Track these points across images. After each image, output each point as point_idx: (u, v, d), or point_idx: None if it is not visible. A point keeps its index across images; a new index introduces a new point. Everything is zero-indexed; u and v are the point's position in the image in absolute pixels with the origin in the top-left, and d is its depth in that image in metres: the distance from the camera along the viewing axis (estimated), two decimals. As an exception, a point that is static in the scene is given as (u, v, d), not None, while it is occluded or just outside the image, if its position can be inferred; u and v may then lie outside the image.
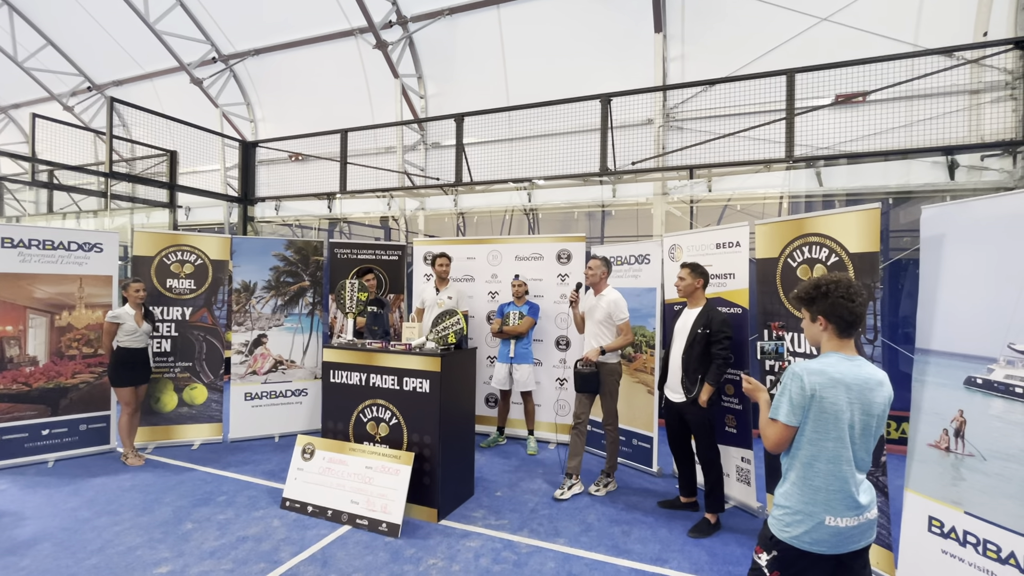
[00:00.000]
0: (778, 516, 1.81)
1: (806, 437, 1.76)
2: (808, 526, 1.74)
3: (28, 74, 12.03)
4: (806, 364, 1.78)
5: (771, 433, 1.82)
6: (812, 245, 3.43)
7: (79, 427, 4.86)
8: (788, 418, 1.77)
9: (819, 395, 1.72)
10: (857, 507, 1.74)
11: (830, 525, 1.72)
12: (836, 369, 1.75)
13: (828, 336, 1.84)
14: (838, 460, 1.73)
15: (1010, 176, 5.19)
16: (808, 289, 1.88)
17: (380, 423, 3.87)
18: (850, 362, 1.78)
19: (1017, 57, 5.04)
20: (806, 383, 1.73)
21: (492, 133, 7.64)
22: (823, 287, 1.82)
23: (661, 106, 7.17)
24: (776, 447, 1.82)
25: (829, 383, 1.73)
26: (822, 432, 1.74)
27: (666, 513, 3.85)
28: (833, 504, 1.73)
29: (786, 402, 1.77)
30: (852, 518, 1.73)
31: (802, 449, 1.77)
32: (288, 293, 5.66)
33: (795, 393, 1.75)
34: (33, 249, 4.71)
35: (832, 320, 1.81)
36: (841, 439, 1.73)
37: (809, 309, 1.88)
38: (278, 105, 10.76)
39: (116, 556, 3.16)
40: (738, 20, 6.88)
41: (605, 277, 4.22)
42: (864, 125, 5.59)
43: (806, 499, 1.75)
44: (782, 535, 1.77)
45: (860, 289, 1.81)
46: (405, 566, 3.09)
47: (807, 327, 1.91)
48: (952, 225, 2.78)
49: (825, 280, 1.84)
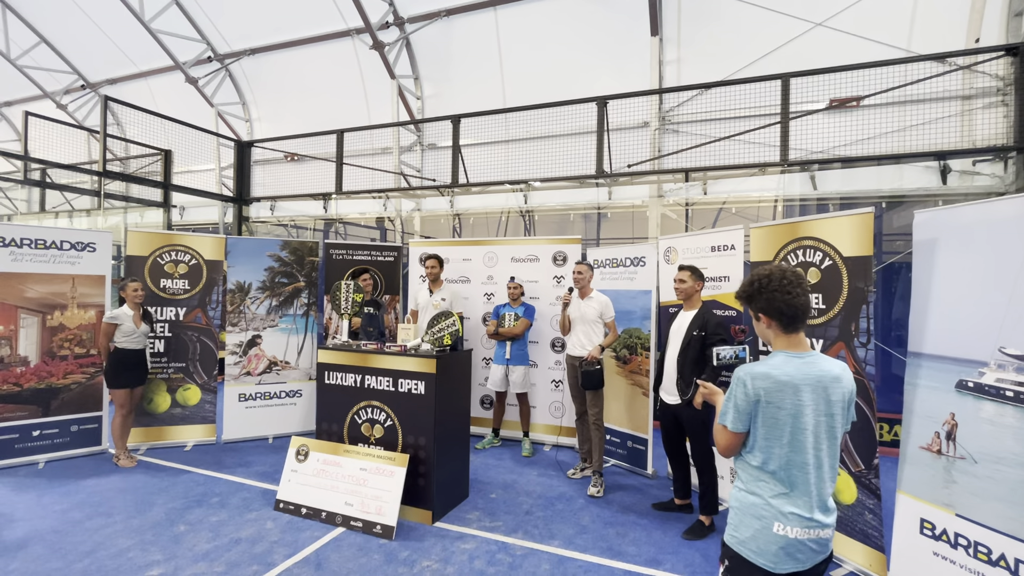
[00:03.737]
0: (729, 520, 1.74)
1: (757, 442, 1.67)
2: (752, 531, 1.63)
3: (21, 72, 11.94)
4: (751, 368, 1.68)
5: (720, 439, 1.74)
6: (806, 248, 3.46)
7: (70, 428, 4.82)
8: (735, 424, 1.68)
9: (764, 400, 1.62)
10: (810, 519, 1.60)
11: (778, 533, 1.60)
12: (782, 371, 1.63)
13: (774, 333, 1.72)
14: (791, 466, 1.62)
15: (1001, 181, 5.24)
16: (745, 287, 1.76)
17: (375, 425, 3.86)
18: (799, 360, 1.66)
19: (1008, 64, 5.09)
20: (750, 388, 1.64)
21: (488, 135, 7.66)
22: (756, 282, 1.71)
23: (657, 109, 7.20)
24: (726, 452, 1.74)
25: (775, 387, 1.62)
26: (772, 438, 1.64)
27: (660, 515, 3.86)
28: (783, 511, 1.61)
29: (732, 408, 1.68)
30: (804, 530, 1.60)
31: (752, 452, 1.69)
32: (283, 294, 5.64)
33: (740, 399, 1.66)
34: (25, 248, 4.67)
35: (772, 316, 1.69)
36: (795, 444, 1.61)
37: (751, 307, 1.77)
38: (274, 105, 10.73)
39: (107, 558, 3.13)
40: (733, 24, 6.93)
41: (591, 280, 4.49)
42: (858, 129, 5.65)
43: (754, 501, 1.66)
44: (730, 540, 1.70)
45: (797, 278, 1.67)
46: (399, 568, 3.08)
47: (755, 326, 1.79)
48: (945, 229, 2.80)
49: (759, 274, 1.72)
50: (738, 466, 1.75)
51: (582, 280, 4.40)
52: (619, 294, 4.78)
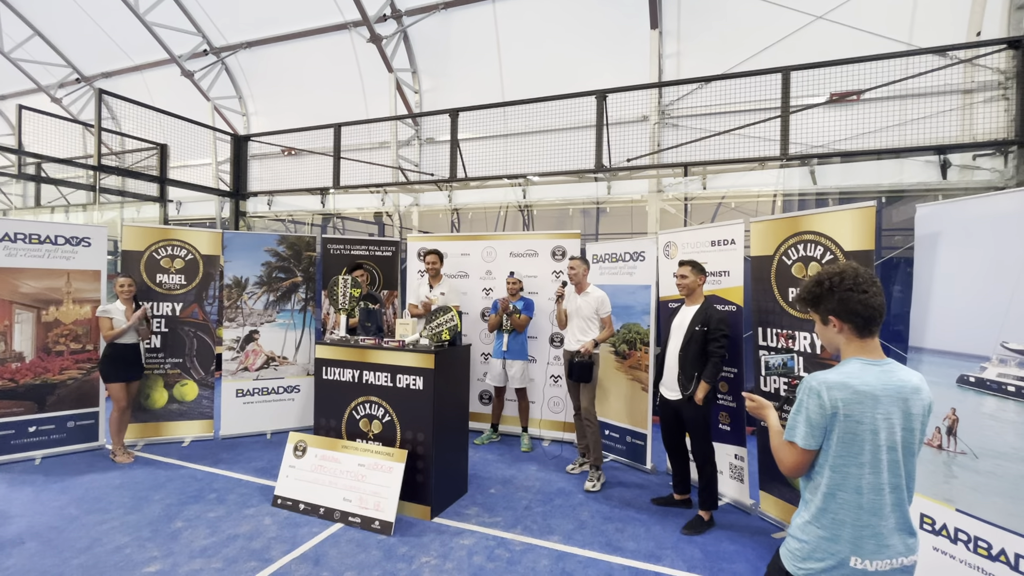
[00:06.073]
0: (793, 549, 1.55)
1: (829, 462, 1.49)
2: (826, 565, 1.47)
3: (15, 65, 11.82)
4: (824, 376, 1.50)
5: (786, 457, 1.56)
6: (807, 243, 3.44)
7: (67, 424, 4.80)
8: (806, 441, 1.50)
9: (843, 413, 1.45)
10: (891, 548, 1.44)
11: (856, 568, 1.44)
12: (861, 380, 1.46)
13: (846, 339, 1.55)
14: (869, 489, 1.45)
15: (1001, 176, 5.22)
16: (810, 287, 1.60)
17: (373, 420, 3.85)
18: (877, 368, 1.49)
19: (1010, 57, 5.06)
20: (826, 399, 1.46)
21: (487, 129, 7.60)
22: (826, 282, 1.55)
23: (656, 103, 7.15)
24: (793, 472, 1.56)
25: (854, 398, 1.45)
26: (848, 456, 1.47)
27: (660, 510, 3.86)
28: (861, 543, 1.44)
29: (803, 422, 1.50)
30: (885, 560, 1.44)
31: (824, 476, 1.50)
32: (280, 289, 5.61)
33: (813, 411, 1.48)
34: (19, 243, 4.63)
35: (845, 319, 1.52)
36: (874, 464, 1.45)
37: (816, 310, 1.60)
38: (271, 99, 10.64)
39: (104, 555, 3.11)
40: (733, 17, 6.88)
41: (586, 275, 4.49)
42: (858, 124, 5.61)
43: (828, 534, 1.48)
44: (796, 571, 1.51)
45: (871, 277, 1.52)
46: (398, 564, 3.07)
47: (820, 332, 1.62)
48: (947, 223, 2.79)
49: (827, 274, 1.56)
50: (806, 490, 1.58)
51: (576, 276, 4.41)
52: (618, 289, 4.76)
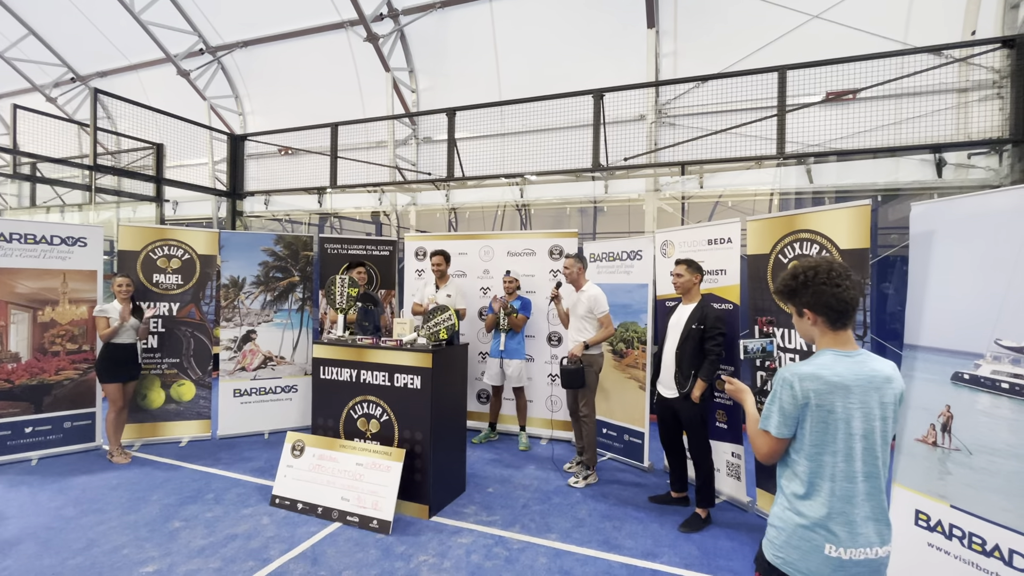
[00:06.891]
0: (771, 538, 1.60)
1: (804, 451, 1.54)
2: (801, 553, 1.51)
3: (9, 64, 11.76)
4: (797, 367, 1.56)
5: (761, 444, 1.62)
6: (803, 241, 3.45)
7: (63, 424, 4.78)
8: (779, 430, 1.56)
9: (814, 403, 1.51)
10: (863, 536, 1.48)
11: (831, 555, 1.48)
12: (832, 370, 1.52)
13: (820, 331, 1.61)
14: (842, 477, 1.50)
15: (996, 174, 5.25)
16: (786, 281, 1.64)
17: (371, 419, 3.85)
18: (849, 359, 1.55)
19: (1004, 56, 5.08)
20: (798, 390, 1.52)
21: (484, 128, 7.60)
22: (800, 276, 1.60)
23: (653, 102, 7.16)
24: (767, 458, 1.63)
25: (826, 388, 1.50)
26: (822, 445, 1.51)
27: (657, 508, 3.87)
28: (835, 531, 1.48)
29: (776, 412, 1.56)
30: (859, 550, 1.48)
31: (799, 464, 1.55)
32: (277, 288, 5.60)
33: (786, 402, 1.54)
34: (15, 243, 4.61)
35: (819, 311, 1.57)
36: (847, 452, 1.50)
37: (793, 303, 1.65)
38: (267, 98, 10.61)
39: (101, 555, 3.11)
40: (730, 17, 6.89)
41: (582, 273, 4.41)
42: (854, 123, 5.64)
43: (802, 521, 1.52)
44: (774, 560, 1.56)
45: (845, 270, 1.56)
46: (396, 563, 3.08)
47: (797, 324, 1.68)
48: (941, 222, 2.80)
49: (803, 267, 1.61)
50: (782, 478, 1.63)
51: (571, 275, 4.36)
52: (615, 287, 4.77)
